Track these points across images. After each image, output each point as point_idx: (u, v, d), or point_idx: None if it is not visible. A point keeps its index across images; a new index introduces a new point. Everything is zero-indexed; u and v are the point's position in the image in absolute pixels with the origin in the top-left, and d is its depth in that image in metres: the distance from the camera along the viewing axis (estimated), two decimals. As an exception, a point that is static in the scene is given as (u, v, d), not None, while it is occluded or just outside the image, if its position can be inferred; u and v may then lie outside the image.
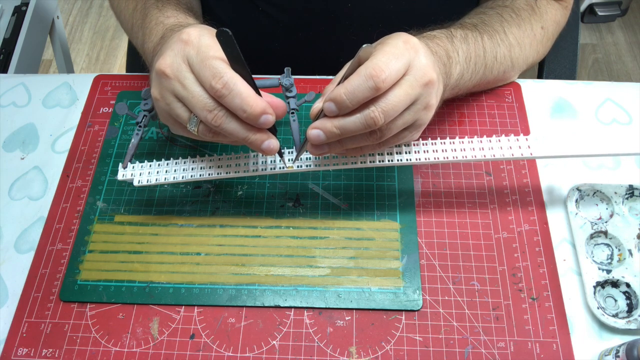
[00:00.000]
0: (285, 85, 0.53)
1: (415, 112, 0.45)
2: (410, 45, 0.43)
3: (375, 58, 0.42)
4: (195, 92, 0.42)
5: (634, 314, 0.49)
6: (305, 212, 0.56)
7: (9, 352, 0.49)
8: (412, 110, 0.45)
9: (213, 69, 0.41)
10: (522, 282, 0.51)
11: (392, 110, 0.43)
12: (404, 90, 0.43)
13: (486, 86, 0.62)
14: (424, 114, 0.45)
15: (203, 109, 0.42)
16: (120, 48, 1.72)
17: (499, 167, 0.58)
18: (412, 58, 0.43)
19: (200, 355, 0.49)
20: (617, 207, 0.54)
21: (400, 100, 0.43)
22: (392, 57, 0.42)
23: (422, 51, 0.44)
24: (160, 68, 0.43)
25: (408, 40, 0.44)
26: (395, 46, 0.43)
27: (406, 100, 0.43)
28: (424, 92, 0.44)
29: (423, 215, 0.55)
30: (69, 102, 0.65)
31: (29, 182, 0.59)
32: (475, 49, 0.55)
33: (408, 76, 0.43)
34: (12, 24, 1.04)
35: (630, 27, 1.73)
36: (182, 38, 0.43)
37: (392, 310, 0.50)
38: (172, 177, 0.51)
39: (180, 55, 0.43)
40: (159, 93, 0.45)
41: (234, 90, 0.41)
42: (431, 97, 0.45)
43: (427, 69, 0.43)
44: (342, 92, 0.42)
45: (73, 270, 0.53)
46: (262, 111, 0.42)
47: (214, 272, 0.52)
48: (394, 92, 0.42)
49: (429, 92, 0.44)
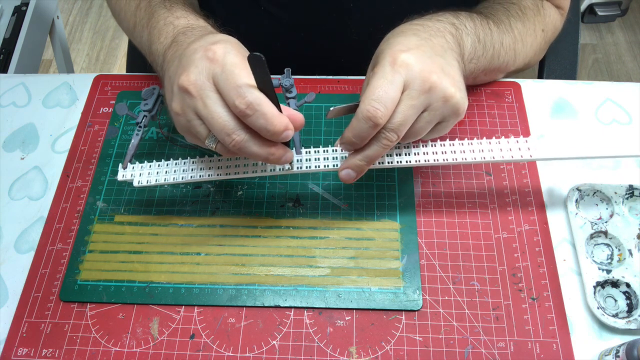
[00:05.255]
0: (285, 85, 0.53)
1: (434, 112, 0.45)
2: (399, 64, 0.44)
3: (368, 93, 0.43)
4: (217, 113, 0.42)
5: (634, 314, 0.49)
6: (305, 212, 0.56)
7: (9, 352, 0.49)
8: (430, 113, 0.45)
9: (238, 89, 0.41)
10: (522, 282, 0.51)
11: (402, 125, 0.44)
12: (405, 105, 0.44)
13: (490, 76, 0.62)
14: (447, 107, 0.45)
15: (222, 131, 0.43)
16: (120, 48, 1.72)
17: (499, 167, 0.58)
18: (405, 74, 0.44)
19: (200, 355, 0.49)
20: (617, 207, 0.54)
21: (406, 115, 0.44)
22: (384, 85, 0.43)
23: (414, 59, 0.44)
24: (183, 85, 0.43)
25: (395, 60, 0.44)
26: (384, 73, 0.44)
27: (412, 112, 0.44)
28: (431, 96, 0.44)
29: (423, 215, 0.55)
30: (69, 102, 0.65)
31: (29, 182, 0.59)
32: (483, 28, 0.54)
33: (407, 91, 0.44)
34: (12, 24, 1.04)
35: (630, 27, 1.73)
36: (208, 56, 0.43)
37: (392, 310, 0.50)
38: (172, 177, 0.51)
39: (204, 74, 0.43)
40: (181, 109, 0.45)
41: (259, 111, 0.41)
42: (445, 91, 0.44)
43: (423, 74, 0.44)
44: (350, 135, 0.45)
45: (73, 270, 0.53)
46: (285, 128, 0.42)
47: (214, 272, 0.52)
48: (398, 110, 0.44)
49: (436, 94, 0.44)
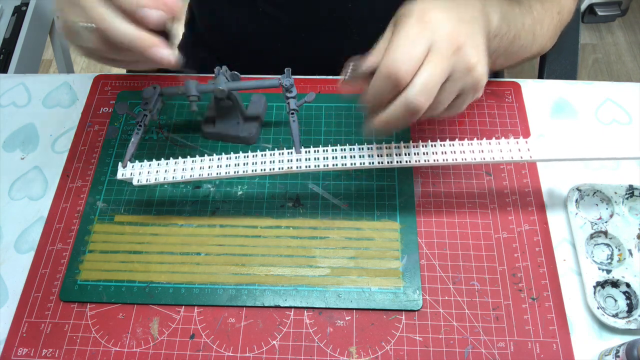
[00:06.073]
0: (285, 85, 0.53)
1: (454, 82, 0.42)
2: (426, 21, 0.40)
3: (391, 48, 0.39)
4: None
5: (634, 314, 0.49)
6: (305, 212, 0.56)
7: (9, 352, 0.49)
8: (450, 84, 0.42)
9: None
10: (522, 282, 0.51)
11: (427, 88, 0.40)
12: (430, 65, 0.40)
13: (508, 60, 0.58)
14: (468, 78, 0.42)
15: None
16: (120, 48, 1.72)
17: (499, 167, 0.58)
18: (432, 33, 0.40)
19: (200, 355, 0.49)
20: (617, 207, 0.54)
21: (432, 76, 0.40)
22: (408, 42, 0.39)
23: (443, 18, 0.41)
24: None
25: (423, 16, 0.40)
26: (409, 29, 0.40)
27: (438, 74, 0.40)
28: (456, 63, 0.41)
29: (423, 215, 0.55)
30: (69, 102, 0.65)
31: (29, 182, 0.59)
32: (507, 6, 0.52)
33: (433, 52, 0.40)
34: (12, 24, 1.04)
35: (630, 27, 1.73)
36: None
37: (392, 310, 0.50)
38: (172, 176, 0.51)
39: None
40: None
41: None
42: (470, 59, 0.41)
43: (452, 37, 0.40)
44: (370, 95, 0.41)
45: (73, 270, 0.53)
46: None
47: (214, 272, 0.52)
48: (422, 69, 0.40)
49: (461, 61, 0.41)
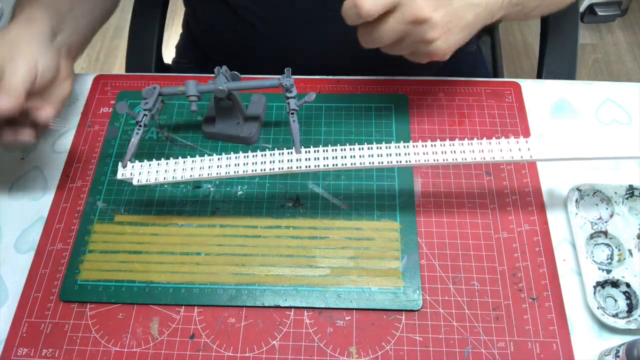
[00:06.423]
0: (285, 85, 0.53)
1: (409, 45, 0.46)
2: None
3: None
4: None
5: (634, 314, 0.49)
6: (305, 212, 0.56)
7: (9, 352, 0.49)
8: (405, 44, 0.46)
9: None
10: (522, 282, 0.51)
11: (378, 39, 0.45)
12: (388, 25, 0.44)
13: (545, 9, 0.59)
14: (423, 46, 0.46)
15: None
16: (120, 48, 1.72)
17: (499, 167, 0.58)
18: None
19: (200, 355, 0.49)
20: (617, 207, 0.54)
21: (384, 34, 0.44)
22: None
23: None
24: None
25: None
26: None
27: (390, 35, 0.44)
28: (414, 29, 0.44)
29: (423, 215, 0.55)
30: (69, 102, 0.65)
31: (29, 182, 0.59)
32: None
33: (395, 13, 0.43)
34: (12, 23, 1.04)
35: (630, 27, 1.73)
36: None
37: (392, 310, 0.50)
38: (172, 176, 0.51)
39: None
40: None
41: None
42: (425, 34, 0.45)
43: (417, 5, 0.43)
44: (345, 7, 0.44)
45: (73, 270, 0.53)
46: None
47: (214, 272, 0.52)
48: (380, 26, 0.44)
49: (420, 30, 0.45)
